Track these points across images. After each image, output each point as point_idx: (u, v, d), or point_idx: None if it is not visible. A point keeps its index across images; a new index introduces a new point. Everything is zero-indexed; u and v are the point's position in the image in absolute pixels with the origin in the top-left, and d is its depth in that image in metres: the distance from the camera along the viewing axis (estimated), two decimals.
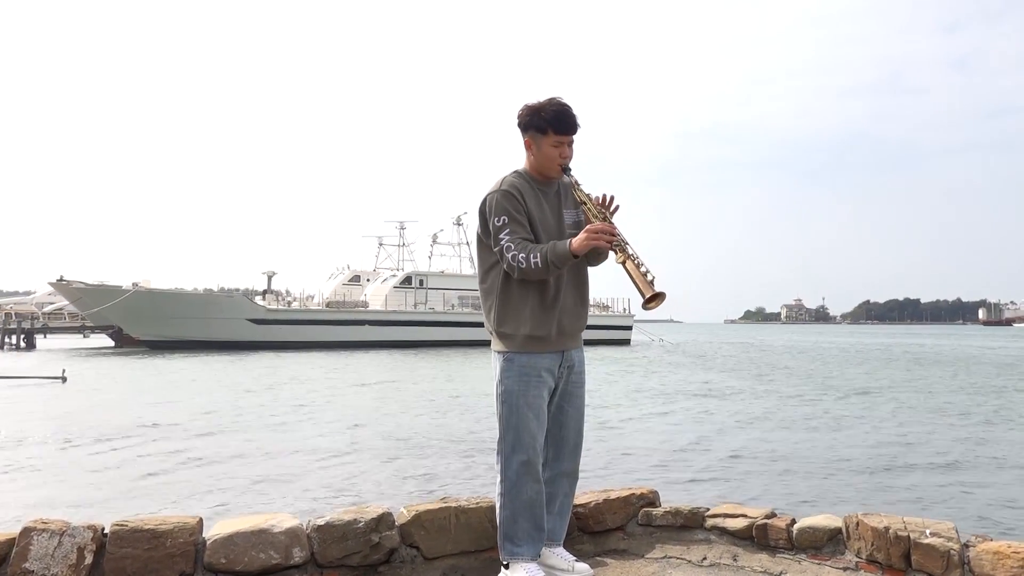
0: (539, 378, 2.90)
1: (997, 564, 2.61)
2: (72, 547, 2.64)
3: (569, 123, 2.91)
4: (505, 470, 2.89)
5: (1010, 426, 12.14)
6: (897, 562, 2.79)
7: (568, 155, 2.95)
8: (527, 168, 3.02)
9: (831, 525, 3.05)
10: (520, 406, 2.87)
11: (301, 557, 2.83)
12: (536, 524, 2.89)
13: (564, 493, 3.06)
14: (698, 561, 3.14)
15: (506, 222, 2.84)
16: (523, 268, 2.78)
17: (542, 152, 2.94)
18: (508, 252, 2.80)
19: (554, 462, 3.02)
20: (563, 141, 2.93)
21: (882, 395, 17.13)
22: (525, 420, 2.87)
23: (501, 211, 2.86)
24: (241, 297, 44.23)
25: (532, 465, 2.88)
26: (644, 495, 3.47)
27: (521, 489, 2.87)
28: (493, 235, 2.86)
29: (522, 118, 2.96)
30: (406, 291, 47.05)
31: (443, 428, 11.50)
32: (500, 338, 2.94)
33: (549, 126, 2.90)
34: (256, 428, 11.54)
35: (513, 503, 2.87)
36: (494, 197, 2.89)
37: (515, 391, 2.88)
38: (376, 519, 2.97)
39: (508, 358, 2.91)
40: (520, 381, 2.88)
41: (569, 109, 2.92)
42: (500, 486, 2.91)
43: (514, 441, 2.87)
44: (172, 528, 2.75)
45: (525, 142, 2.98)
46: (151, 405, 14.59)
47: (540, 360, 2.91)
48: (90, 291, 40.08)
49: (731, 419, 12.90)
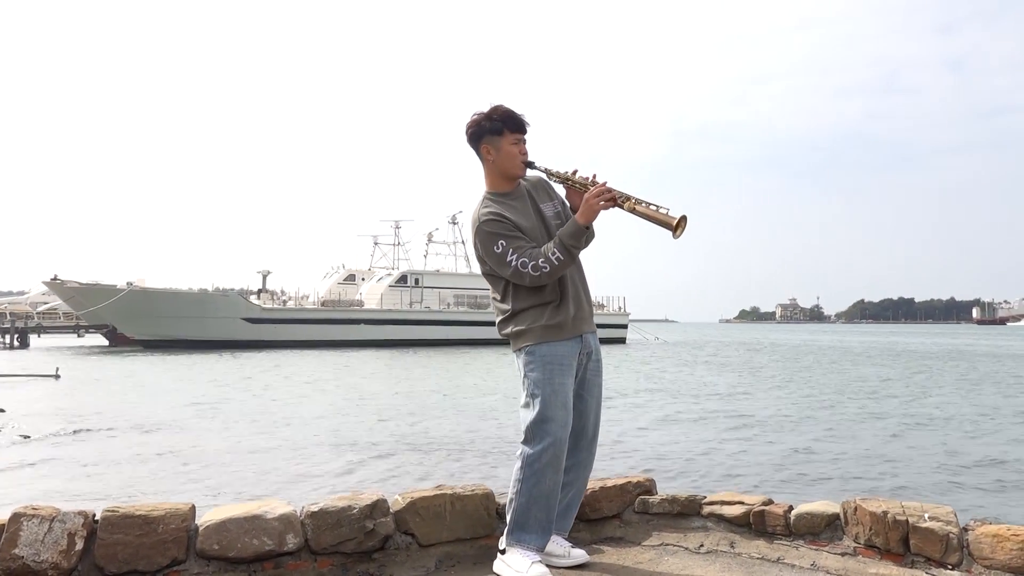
0: (562, 366, 2.89)
1: (996, 547, 2.59)
2: (62, 533, 2.60)
3: (521, 121, 2.96)
4: (529, 459, 2.85)
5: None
6: (895, 546, 2.77)
7: (526, 152, 2.98)
8: (490, 187, 3.01)
9: (829, 511, 3.03)
10: (547, 396, 2.85)
11: (295, 544, 2.80)
12: (549, 515, 2.87)
13: (577, 484, 3.05)
14: (695, 548, 3.11)
15: (504, 245, 2.83)
16: (547, 271, 2.77)
17: (502, 153, 2.94)
18: (525, 268, 2.78)
19: (572, 451, 2.98)
20: (520, 139, 2.96)
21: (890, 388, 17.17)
22: (554, 410, 2.84)
23: (494, 239, 2.85)
24: (236, 296, 44.14)
25: (558, 457, 2.85)
26: (641, 483, 3.45)
27: (542, 479, 2.83)
28: (498, 265, 2.86)
29: (474, 127, 2.96)
30: (401, 290, 47.00)
31: (438, 425, 11.47)
32: (518, 336, 2.92)
33: (504, 126, 2.93)
34: (248, 423, 11.51)
35: (531, 491, 2.84)
36: (481, 231, 2.89)
37: (541, 380, 2.86)
38: (370, 506, 2.94)
39: (530, 351, 2.89)
40: (545, 370, 2.86)
41: (515, 111, 2.97)
42: (520, 472, 2.87)
43: (543, 433, 2.84)
44: (164, 514, 2.71)
45: (483, 150, 2.97)
46: (143, 400, 14.56)
47: (561, 347, 2.90)
48: (84, 290, 39.96)
49: (731, 412, 12.90)
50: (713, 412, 13.31)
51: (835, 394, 16.69)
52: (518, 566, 2.79)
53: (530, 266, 2.77)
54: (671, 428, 11.21)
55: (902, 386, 18.68)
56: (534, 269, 2.77)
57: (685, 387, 18.44)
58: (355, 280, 51.53)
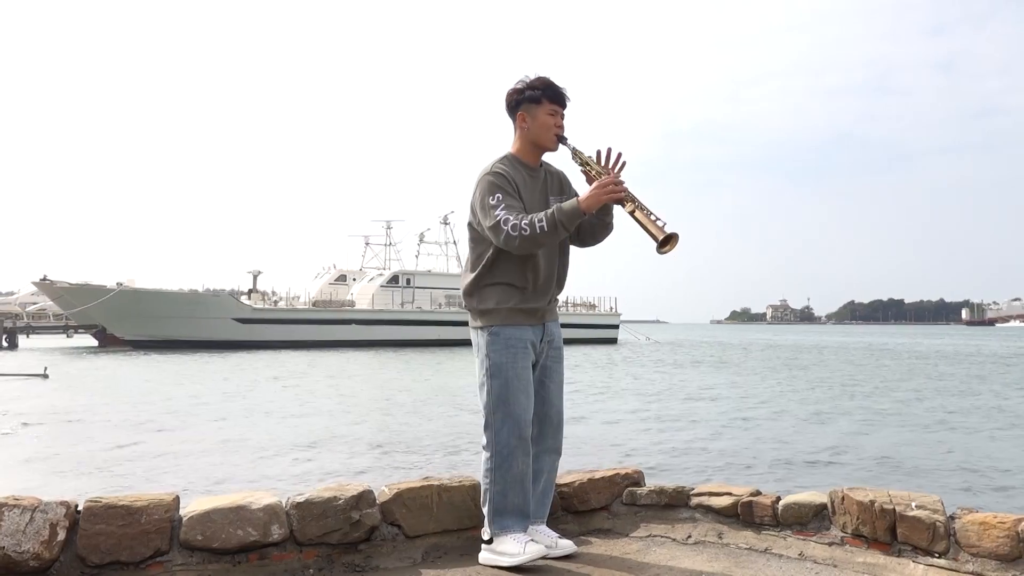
0: (525, 350, 2.89)
1: (983, 535, 2.59)
2: (44, 523, 2.57)
3: (561, 93, 2.95)
4: (496, 444, 2.85)
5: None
6: (883, 535, 2.77)
7: (563, 126, 2.96)
8: (515, 151, 2.99)
9: (816, 501, 3.03)
10: (510, 379, 2.85)
11: (280, 534, 2.78)
12: (525, 498, 2.87)
13: (548, 471, 3.04)
14: (683, 539, 3.11)
15: (500, 199, 2.80)
16: (526, 235, 2.71)
17: (538, 121, 2.92)
18: (506, 224, 2.73)
19: (539, 439, 2.99)
20: (557, 111, 2.94)
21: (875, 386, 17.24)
22: (515, 393, 2.85)
23: (494, 189, 2.83)
24: (227, 296, 43.95)
25: (524, 439, 2.86)
26: (629, 475, 3.44)
27: (513, 463, 2.83)
28: (487, 212, 2.80)
29: (513, 95, 2.95)
30: (393, 290, 46.91)
31: (428, 424, 11.45)
32: (483, 314, 2.91)
33: (543, 95, 2.92)
34: (237, 419, 11.46)
35: (504, 477, 2.83)
36: (484, 179, 2.87)
37: (504, 363, 2.85)
38: (356, 496, 2.92)
39: (494, 332, 2.88)
40: (508, 353, 2.86)
41: (557, 83, 2.96)
42: (489, 461, 2.87)
43: (504, 415, 2.84)
44: (147, 504, 2.69)
45: (519, 117, 2.94)
46: (131, 398, 14.47)
47: (525, 332, 2.90)
48: (74, 291, 39.72)
49: (721, 406, 12.91)
50: (701, 406, 13.33)
51: (824, 389, 16.74)
52: (511, 550, 2.78)
53: (511, 224, 2.72)
54: (658, 422, 11.21)
55: (897, 384, 18.75)
56: (513, 229, 2.72)
57: (674, 384, 18.45)
58: (346, 280, 51.38)
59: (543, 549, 2.81)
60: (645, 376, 22.14)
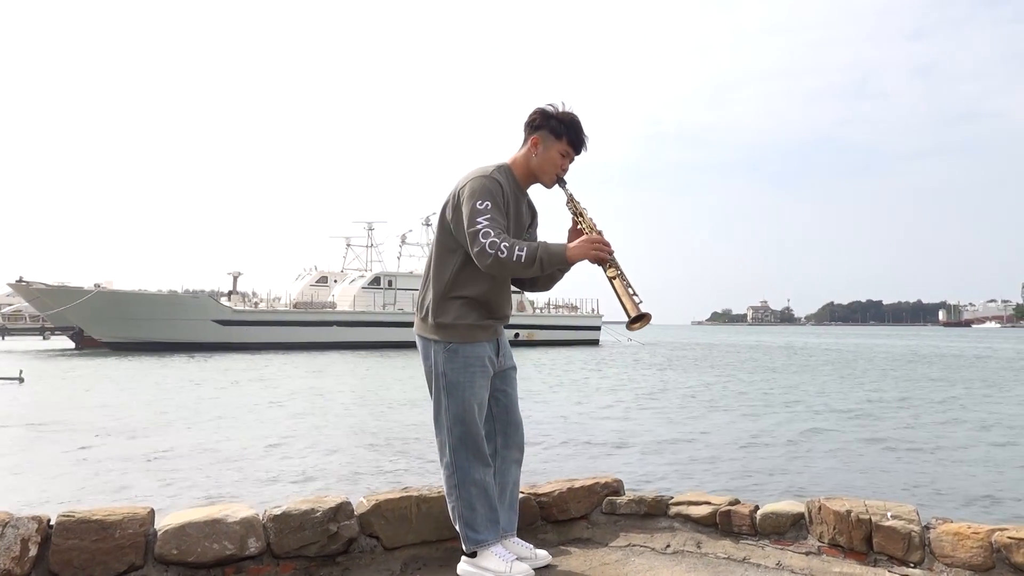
0: (483, 368, 2.87)
1: (957, 545, 2.62)
2: (15, 539, 2.53)
3: (583, 139, 2.92)
4: (456, 461, 2.84)
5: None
6: (859, 545, 2.79)
7: (566, 170, 2.94)
8: (514, 167, 2.93)
9: (794, 510, 3.05)
10: (467, 398, 2.83)
11: (256, 548, 2.75)
12: (491, 507, 2.87)
13: (513, 482, 3.03)
14: (662, 548, 3.11)
15: (489, 207, 2.72)
16: (501, 258, 2.65)
17: (548, 155, 2.89)
18: (487, 238, 2.66)
19: (504, 449, 2.98)
20: (570, 153, 2.92)
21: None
22: (472, 412, 2.84)
23: (487, 195, 2.75)
24: (206, 298, 43.61)
25: (481, 453, 2.86)
26: (608, 484, 3.45)
27: (475, 477, 2.83)
28: (470, 216, 2.72)
29: (539, 117, 2.90)
30: (374, 292, 46.75)
31: (407, 428, 11.41)
32: (440, 328, 2.84)
33: (565, 134, 2.88)
34: (212, 425, 11.36)
35: (469, 491, 2.83)
36: (480, 180, 2.79)
37: (461, 383, 2.83)
38: (334, 508, 2.90)
39: (452, 349, 2.83)
40: (467, 372, 2.83)
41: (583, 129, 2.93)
42: (452, 478, 2.85)
43: (462, 433, 2.83)
44: (121, 519, 2.65)
45: (532, 140, 2.89)
46: (107, 403, 14.31)
47: (483, 349, 2.88)
48: (50, 292, 39.24)
49: (699, 412, 12.97)
50: (682, 411, 13.38)
51: (803, 394, 16.87)
52: (497, 567, 2.77)
53: (490, 240, 2.65)
54: (642, 429, 11.24)
55: (887, 389, 18.92)
56: (491, 246, 2.65)
57: (653, 387, 18.52)
58: (327, 282, 51.16)
59: (529, 570, 2.80)
60: (625, 377, 22.20)
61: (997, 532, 2.58)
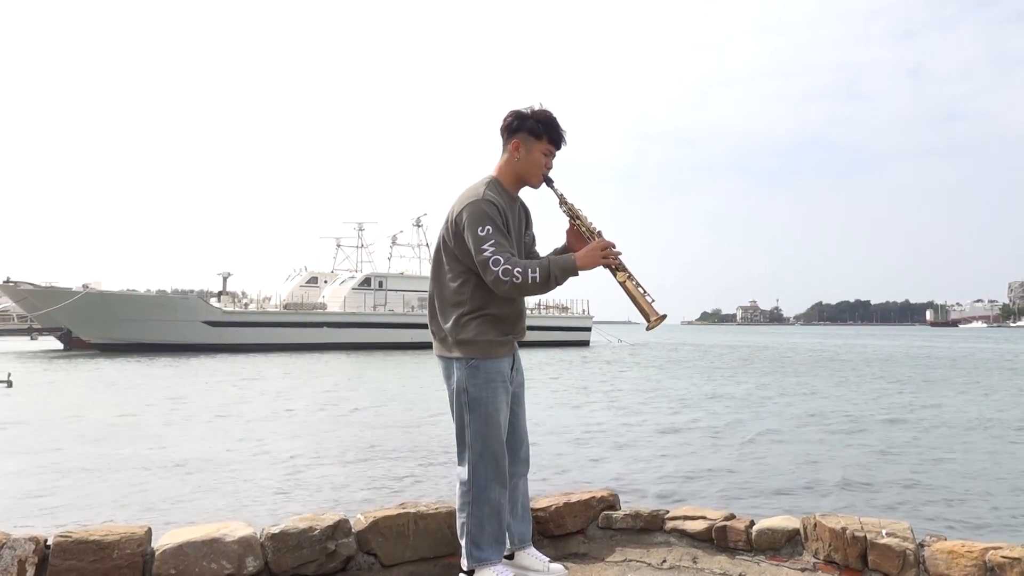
0: (505, 384, 2.89)
1: (952, 563, 2.65)
2: (12, 560, 2.53)
3: (561, 135, 2.93)
4: (474, 478, 2.84)
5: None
6: (854, 562, 2.81)
7: (551, 167, 2.95)
8: (500, 177, 2.93)
9: (789, 526, 3.07)
10: (490, 414, 2.84)
11: (255, 567, 2.76)
12: (501, 528, 2.89)
13: (523, 493, 3.07)
14: (658, 564, 3.13)
15: (491, 232, 2.73)
16: (517, 283, 2.68)
17: (531, 156, 2.89)
18: (497, 266, 2.68)
19: (511, 465, 3.00)
20: (552, 151, 2.93)
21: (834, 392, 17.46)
22: (495, 428, 2.84)
23: (485, 220, 2.75)
24: (196, 299, 43.43)
25: (501, 472, 2.86)
26: (604, 498, 3.47)
27: (490, 497, 2.84)
28: (475, 244, 2.73)
29: (514, 120, 2.90)
30: (365, 293, 46.65)
31: (402, 436, 11.39)
32: (461, 345, 2.85)
33: (544, 133, 2.89)
34: (205, 434, 11.30)
35: (482, 510, 2.83)
36: (477, 205, 2.78)
37: (484, 399, 2.84)
38: (332, 526, 2.91)
39: (474, 365, 2.85)
40: (488, 388, 2.84)
41: (560, 124, 2.93)
42: (467, 495, 2.86)
43: (483, 450, 2.83)
44: (119, 538, 2.66)
45: (513, 144, 2.90)
46: (99, 410, 14.22)
47: (503, 365, 2.90)
48: (38, 293, 38.97)
49: (695, 422, 12.99)
50: (676, 421, 13.41)
51: (798, 401, 16.94)
52: None
53: (502, 267, 2.67)
54: (636, 441, 11.26)
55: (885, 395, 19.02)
56: (504, 273, 2.67)
57: (645, 394, 18.55)
58: (318, 283, 50.99)
59: None
60: (614, 381, 22.24)
61: (991, 551, 2.61)
